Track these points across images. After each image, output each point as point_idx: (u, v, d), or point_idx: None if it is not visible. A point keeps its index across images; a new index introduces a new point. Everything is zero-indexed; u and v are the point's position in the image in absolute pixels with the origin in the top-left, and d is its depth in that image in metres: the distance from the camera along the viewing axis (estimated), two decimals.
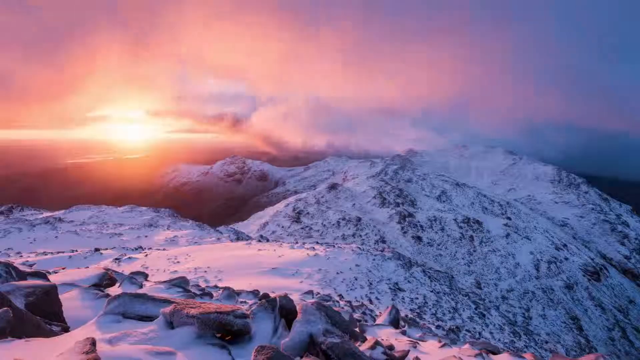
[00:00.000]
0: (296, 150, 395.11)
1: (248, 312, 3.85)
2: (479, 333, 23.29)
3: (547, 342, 34.47)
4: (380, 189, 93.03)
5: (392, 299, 23.80)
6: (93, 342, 2.78)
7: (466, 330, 22.61)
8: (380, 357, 4.06)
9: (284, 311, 4.09)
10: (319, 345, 3.31)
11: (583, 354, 49.38)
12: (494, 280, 66.59)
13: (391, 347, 4.67)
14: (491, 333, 24.65)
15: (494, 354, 6.53)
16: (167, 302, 4.00)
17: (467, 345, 6.71)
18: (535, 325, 54.76)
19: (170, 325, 3.59)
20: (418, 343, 6.44)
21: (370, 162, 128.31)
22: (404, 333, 7.82)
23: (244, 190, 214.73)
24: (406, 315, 19.46)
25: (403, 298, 24.66)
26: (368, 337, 4.82)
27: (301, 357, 3.28)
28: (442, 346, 6.54)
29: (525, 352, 20.98)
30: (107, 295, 5.62)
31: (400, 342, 6.23)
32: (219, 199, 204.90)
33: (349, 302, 18.63)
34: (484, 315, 27.61)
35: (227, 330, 3.60)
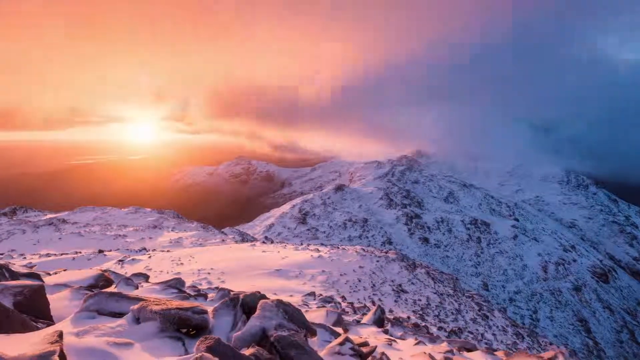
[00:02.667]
0: None
1: (210, 309, 4.12)
2: (482, 335, 23.17)
3: (551, 344, 34.11)
4: (387, 190, 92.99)
5: (395, 301, 23.84)
6: (60, 334, 3.03)
7: (468, 331, 22.51)
8: (348, 351, 4.33)
9: (247, 308, 4.38)
10: (269, 338, 3.54)
11: (591, 356, 48.97)
12: (502, 282, 66.31)
13: (365, 344, 4.86)
14: (494, 335, 24.50)
15: (469, 351, 6.68)
16: (139, 299, 4.24)
17: (444, 344, 6.87)
18: (542, 327, 54.41)
19: (137, 320, 3.89)
20: (395, 341, 6.63)
21: (377, 163, 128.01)
22: (386, 332, 7.99)
23: (250, 191, 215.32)
24: (408, 317, 19.51)
25: (406, 300, 24.67)
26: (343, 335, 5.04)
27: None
28: (417, 344, 6.72)
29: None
30: None
31: (377, 340, 6.40)
32: (225, 200, 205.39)
33: (351, 303, 18.71)
34: (487, 317, 27.48)
35: (187, 325, 3.88)
